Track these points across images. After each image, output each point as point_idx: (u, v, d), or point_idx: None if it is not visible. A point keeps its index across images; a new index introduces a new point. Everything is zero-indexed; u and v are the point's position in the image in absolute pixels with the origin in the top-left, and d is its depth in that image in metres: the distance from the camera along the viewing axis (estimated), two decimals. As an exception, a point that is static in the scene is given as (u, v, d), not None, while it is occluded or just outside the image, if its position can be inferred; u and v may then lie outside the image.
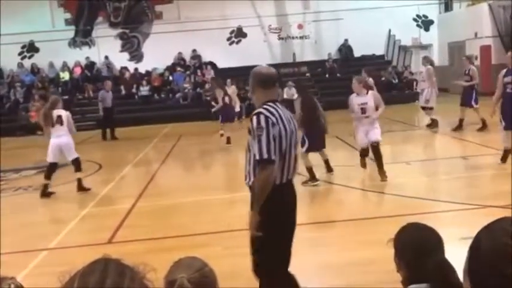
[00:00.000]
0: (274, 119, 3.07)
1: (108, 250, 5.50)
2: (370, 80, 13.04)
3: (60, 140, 8.01)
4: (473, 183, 7.26)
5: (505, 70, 8.00)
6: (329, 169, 8.02)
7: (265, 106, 3.14)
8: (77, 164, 8.27)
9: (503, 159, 7.87)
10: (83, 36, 21.66)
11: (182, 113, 18.19)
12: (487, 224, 1.00)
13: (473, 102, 11.32)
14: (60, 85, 20.62)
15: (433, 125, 12.27)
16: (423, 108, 12.67)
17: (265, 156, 2.99)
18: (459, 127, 11.51)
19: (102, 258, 0.96)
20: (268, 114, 3.08)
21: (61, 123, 7.98)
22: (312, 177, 7.51)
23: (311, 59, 21.59)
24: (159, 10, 21.75)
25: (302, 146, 7.13)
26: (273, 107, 3.14)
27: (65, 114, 8.14)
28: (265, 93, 3.24)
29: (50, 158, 8.10)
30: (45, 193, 8.02)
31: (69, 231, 6.25)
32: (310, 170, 7.52)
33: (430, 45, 22.35)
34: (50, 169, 8.17)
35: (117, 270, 0.92)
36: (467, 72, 11.54)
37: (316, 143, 7.58)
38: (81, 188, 8.21)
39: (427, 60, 12.92)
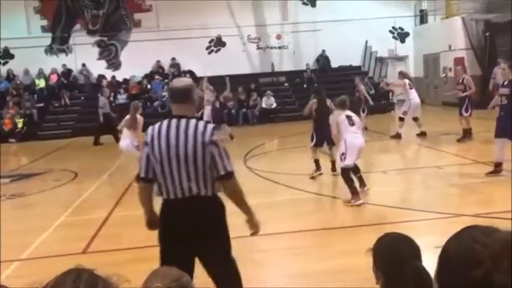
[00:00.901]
0: (148, 138, 3.10)
1: (83, 260, 5.39)
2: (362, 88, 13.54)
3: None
4: (447, 192, 7.37)
5: (501, 81, 8.21)
6: (333, 169, 8.55)
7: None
8: None
9: (493, 172, 7.78)
10: (59, 43, 21.40)
11: (160, 121, 18.00)
12: (457, 232, 1.04)
13: (463, 111, 11.26)
14: (35, 92, 20.28)
15: (396, 136, 12.48)
16: (401, 119, 12.86)
17: (140, 172, 3.16)
18: (465, 136, 11.39)
19: (74, 269, 0.95)
20: (148, 132, 3.15)
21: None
22: (318, 168, 8.59)
23: (289, 69, 21.75)
24: (138, 18, 21.66)
25: (311, 141, 8.59)
26: (162, 123, 3.11)
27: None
28: (173, 108, 3.22)
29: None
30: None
31: (42, 240, 6.13)
32: (316, 161, 8.67)
33: (405, 56, 22.76)
34: None
35: (89, 281, 0.91)
36: (461, 81, 11.51)
37: (322, 140, 8.51)
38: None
39: (404, 75, 13.20)
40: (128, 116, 9.59)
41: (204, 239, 3.04)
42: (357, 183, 7.02)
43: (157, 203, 3.28)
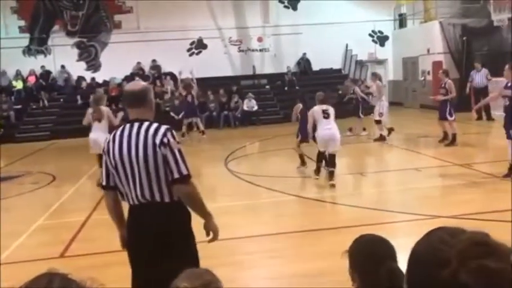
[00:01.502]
0: (105, 145, 3.06)
1: (61, 264, 5.35)
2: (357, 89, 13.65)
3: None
4: (425, 194, 7.48)
5: (505, 83, 8.34)
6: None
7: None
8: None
9: (508, 174, 7.76)
10: (38, 44, 21.09)
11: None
12: (425, 233, 1.06)
13: (447, 115, 11.29)
14: (12, 94, 19.95)
15: (380, 139, 12.60)
16: (377, 121, 12.93)
17: (102, 180, 3.13)
18: (444, 139, 11.48)
19: (46, 273, 0.94)
20: (106, 138, 3.10)
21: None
22: (302, 162, 9.25)
23: (270, 72, 21.81)
24: (118, 20, 21.48)
25: (297, 137, 9.20)
26: (118, 129, 3.06)
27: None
28: (129, 112, 3.12)
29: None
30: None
31: (19, 245, 6.04)
32: (301, 156, 9.31)
33: (385, 60, 23.03)
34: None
35: (62, 285, 0.90)
36: (443, 85, 11.55)
37: (307, 137, 8.96)
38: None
39: (376, 76, 13.40)
40: (89, 110, 9.33)
41: (160, 248, 2.90)
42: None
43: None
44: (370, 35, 22.76)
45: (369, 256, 1.98)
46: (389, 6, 22.56)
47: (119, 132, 3.02)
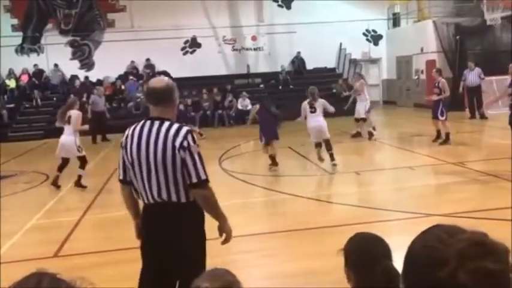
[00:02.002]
0: (123, 140, 3.05)
1: (54, 264, 5.33)
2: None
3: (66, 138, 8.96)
4: (419, 193, 7.50)
5: (509, 80, 8.30)
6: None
7: None
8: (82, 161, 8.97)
9: None
10: (31, 43, 20.97)
11: (134, 122, 17.70)
12: (422, 231, 1.05)
13: (439, 115, 11.25)
14: (5, 93, 19.83)
15: (370, 135, 12.68)
16: (358, 120, 13.11)
17: (118, 174, 3.13)
18: (437, 138, 11.47)
19: (36, 273, 0.93)
20: (125, 133, 3.09)
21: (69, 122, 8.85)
22: (273, 162, 9.46)
23: (265, 71, 21.80)
24: (111, 18, 21.39)
25: (261, 141, 9.48)
26: (137, 125, 3.02)
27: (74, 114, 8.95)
28: (150, 109, 3.09)
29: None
30: (56, 183, 8.96)
31: (12, 244, 6.00)
32: (271, 157, 9.52)
33: (379, 59, 23.09)
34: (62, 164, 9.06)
35: (51, 285, 0.89)
36: (437, 84, 11.48)
37: (272, 138, 9.37)
38: (78, 184, 8.96)
39: (360, 75, 13.74)
40: (60, 110, 9.34)
41: (172, 248, 2.91)
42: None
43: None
44: (364, 34, 22.81)
45: (365, 254, 1.98)
46: (383, 5, 22.61)
47: (138, 128, 2.98)
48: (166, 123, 2.92)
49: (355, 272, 2.00)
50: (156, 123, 2.93)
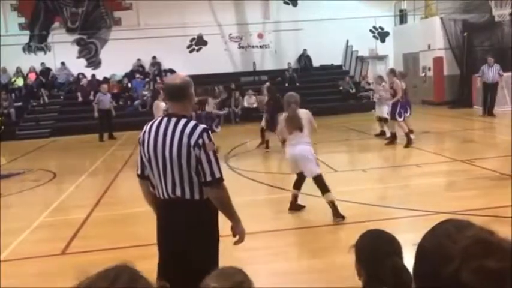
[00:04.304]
0: (141, 135, 3.07)
1: (62, 261, 5.34)
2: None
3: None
4: (426, 190, 7.47)
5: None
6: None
7: None
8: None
9: None
10: (38, 41, 21.07)
11: (141, 120, 17.77)
12: (432, 227, 1.05)
13: (397, 116, 11.06)
14: (13, 91, 19.94)
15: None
16: (381, 119, 12.48)
17: (137, 169, 3.16)
18: (393, 139, 11.36)
19: (117, 266, 1.01)
20: (143, 129, 3.11)
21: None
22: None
23: (271, 68, 21.76)
24: (117, 16, 21.44)
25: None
26: (155, 121, 3.06)
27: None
28: (169, 105, 3.15)
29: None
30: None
31: (21, 241, 6.04)
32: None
33: (386, 56, 22.98)
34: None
35: (129, 282, 0.95)
36: (391, 86, 11.28)
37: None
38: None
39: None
40: None
41: (184, 245, 2.94)
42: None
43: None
44: (370, 30, 22.71)
45: (375, 252, 2.00)
46: (390, 1, 22.49)
47: (155, 124, 3.02)
48: (183, 121, 2.95)
49: (366, 268, 2.01)
50: (173, 120, 2.96)
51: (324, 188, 6.06)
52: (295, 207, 6.36)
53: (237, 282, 1.68)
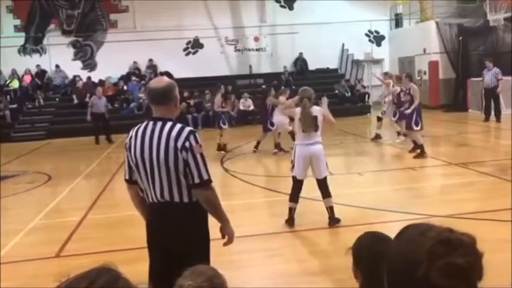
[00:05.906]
0: (127, 140, 3.05)
1: (56, 264, 5.31)
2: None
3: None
4: (422, 193, 7.48)
5: None
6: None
7: None
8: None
9: None
10: (33, 43, 21.02)
11: (137, 123, 17.55)
12: (395, 236, 1.07)
13: (413, 125, 10.42)
14: (8, 93, 19.87)
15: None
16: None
17: (124, 174, 3.13)
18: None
19: (98, 268, 1.02)
20: (129, 133, 3.09)
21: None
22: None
23: (267, 71, 21.80)
24: (114, 19, 21.42)
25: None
26: (141, 125, 3.03)
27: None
28: (153, 109, 3.08)
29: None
30: None
31: (15, 244, 6.00)
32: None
33: (381, 59, 23.06)
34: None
35: (109, 283, 0.98)
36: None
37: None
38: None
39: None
40: None
41: (174, 248, 2.91)
42: None
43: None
44: (366, 34, 22.79)
45: (373, 254, 1.99)
46: (385, 5, 22.59)
47: (141, 129, 2.99)
48: (169, 124, 2.93)
49: (363, 270, 2.00)
50: (159, 124, 2.94)
51: (326, 192, 6.01)
52: (292, 221, 6.08)
53: (209, 276, 1.76)
